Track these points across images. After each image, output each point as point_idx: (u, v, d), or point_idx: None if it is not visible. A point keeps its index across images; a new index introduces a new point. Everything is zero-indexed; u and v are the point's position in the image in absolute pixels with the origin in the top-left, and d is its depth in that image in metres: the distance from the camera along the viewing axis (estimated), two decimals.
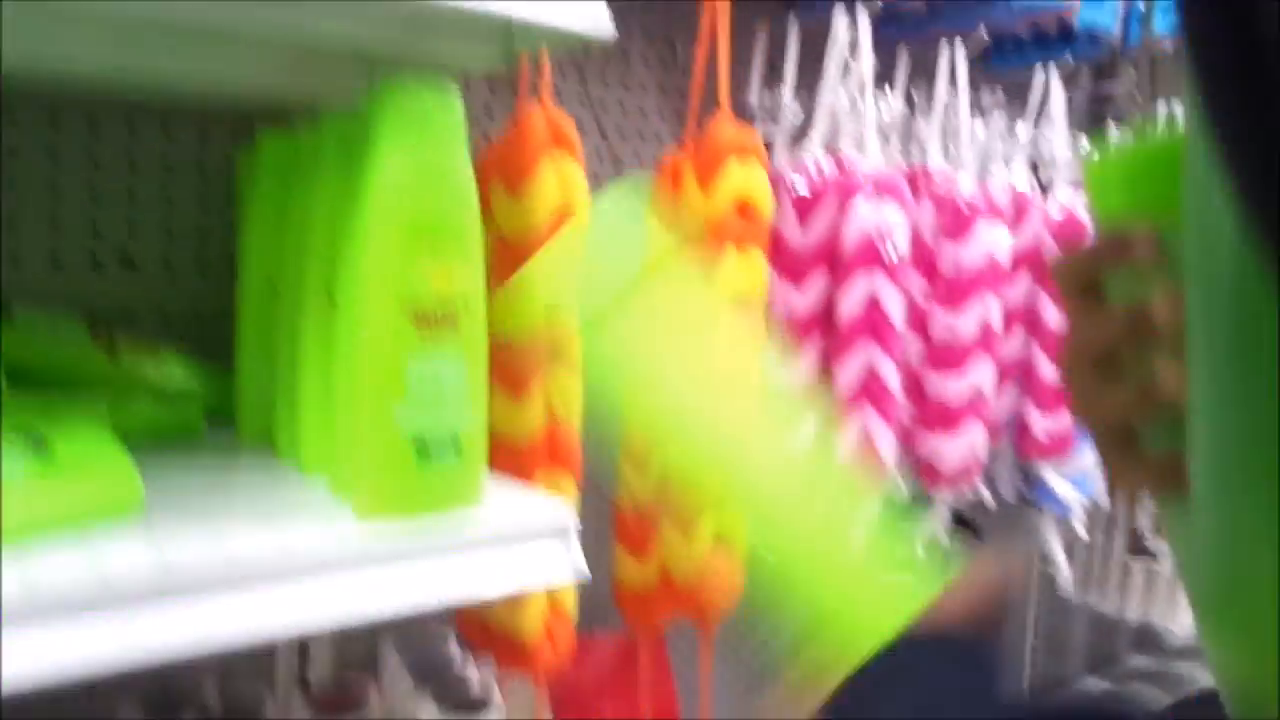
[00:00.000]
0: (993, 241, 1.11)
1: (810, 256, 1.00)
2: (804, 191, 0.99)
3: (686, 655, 1.15)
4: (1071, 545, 1.47)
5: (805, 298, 1.00)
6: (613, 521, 0.98)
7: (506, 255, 0.76)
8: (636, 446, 0.96)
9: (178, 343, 0.80)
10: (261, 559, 0.50)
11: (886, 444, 1.03)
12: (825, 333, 1.03)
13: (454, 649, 0.77)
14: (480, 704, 0.66)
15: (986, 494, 1.27)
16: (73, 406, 0.62)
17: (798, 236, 1.00)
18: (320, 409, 0.66)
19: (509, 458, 0.77)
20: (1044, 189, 1.25)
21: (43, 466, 0.50)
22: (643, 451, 0.96)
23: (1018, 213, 1.19)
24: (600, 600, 0.97)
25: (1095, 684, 1.79)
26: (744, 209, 0.90)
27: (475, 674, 0.73)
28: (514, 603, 0.81)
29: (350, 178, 0.59)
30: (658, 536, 0.95)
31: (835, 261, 1.01)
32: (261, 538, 0.52)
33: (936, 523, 1.24)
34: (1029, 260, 1.20)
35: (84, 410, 0.61)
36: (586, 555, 0.62)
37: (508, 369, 0.77)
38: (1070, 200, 1.25)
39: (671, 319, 0.56)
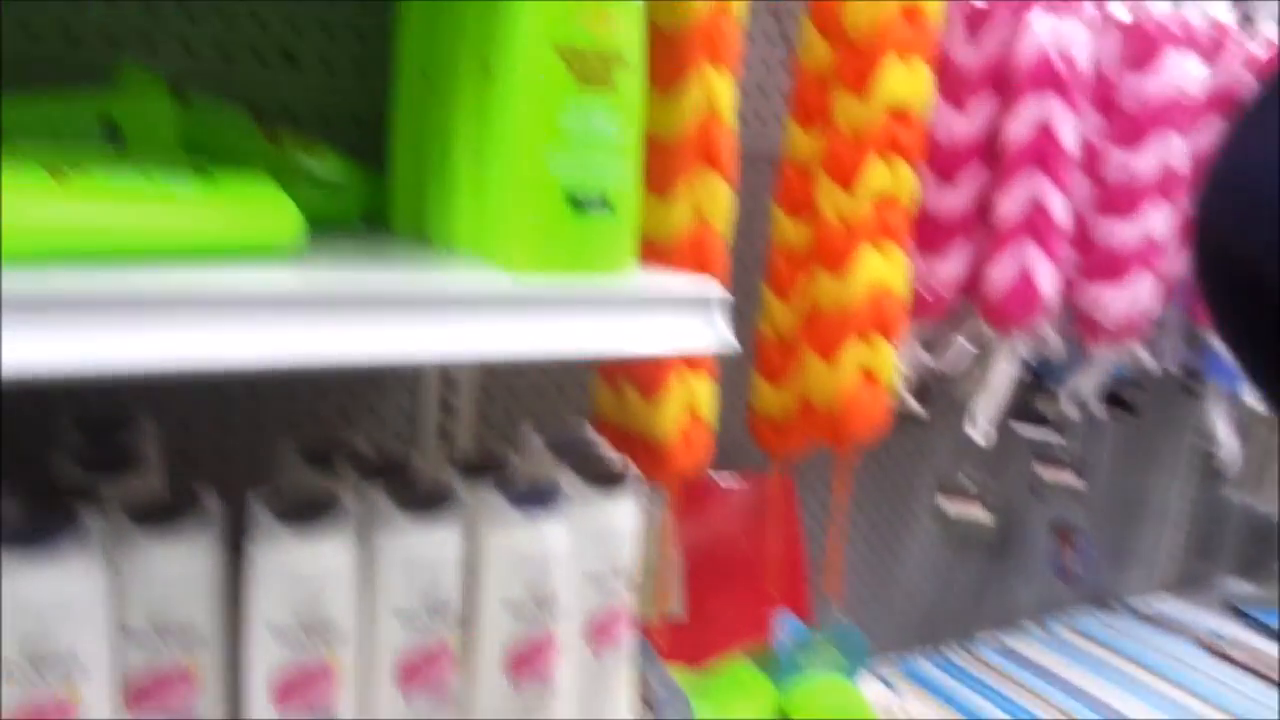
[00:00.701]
0: (1183, 74, 1.01)
1: (978, 75, 0.94)
2: (977, 1, 0.92)
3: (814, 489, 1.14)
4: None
5: (969, 121, 0.94)
6: (750, 350, 0.97)
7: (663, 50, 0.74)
8: (780, 269, 0.94)
9: (334, 142, 0.82)
10: (411, 290, 0.51)
11: (1048, 284, 0.97)
12: (988, 162, 0.97)
13: (591, 434, 0.78)
14: (620, 479, 0.67)
15: (1148, 359, 1.19)
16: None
17: (965, 52, 0.93)
18: (473, 186, 0.66)
19: (653, 257, 0.77)
20: (1248, 22, 1.13)
21: (210, 188, 0.52)
22: (788, 279, 0.94)
23: (1215, 46, 1.08)
24: (733, 440, 0.96)
25: (1240, 588, 1.70)
26: (911, 13, 0.84)
27: (614, 455, 0.73)
28: (652, 402, 0.82)
29: None
30: (798, 364, 0.93)
31: (1005, 82, 0.94)
32: (413, 276, 0.53)
33: (1090, 390, 1.18)
34: (1223, 101, 1.09)
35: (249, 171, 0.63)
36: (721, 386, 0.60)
37: (655, 167, 0.75)
38: (1277, 38, 1.12)
39: None
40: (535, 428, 0.75)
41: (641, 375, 0.81)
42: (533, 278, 0.57)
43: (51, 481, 0.61)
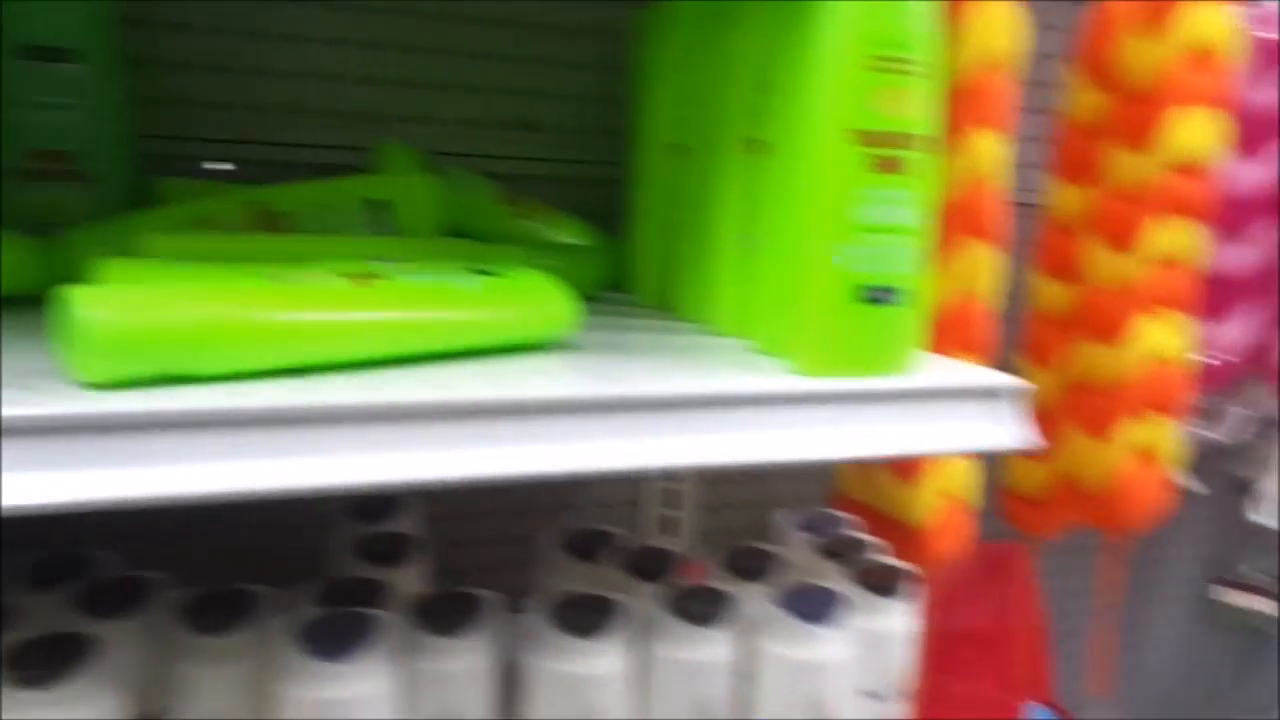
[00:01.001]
0: None
1: (1270, 118, 0.84)
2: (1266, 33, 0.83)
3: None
4: None
5: (1260, 169, 0.85)
6: None
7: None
8: (1039, 336, 0.87)
9: (567, 205, 0.82)
10: (696, 391, 0.49)
11: None
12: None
13: (843, 519, 0.74)
14: (898, 583, 0.62)
15: None
16: (501, 252, 0.64)
17: (1255, 92, 0.84)
18: (738, 267, 0.63)
19: None
20: None
21: (494, 285, 0.52)
22: (1048, 347, 0.87)
23: None
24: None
25: None
26: (1199, 58, 0.76)
27: (882, 552, 0.69)
28: (909, 485, 0.77)
29: (787, 12, 0.55)
30: (1060, 439, 0.86)
31: None
32: (695, 377, 0.51)
33: None
34: None
35: (511, 256, 0.63)
36: None
37: None
38: None
39: None
40: (764, 507, 0.71)
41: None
42: (817, 374, 0.53)
43: (332, 577, 0.62)
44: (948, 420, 0.55)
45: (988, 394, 0.56)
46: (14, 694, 0.46)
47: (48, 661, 0.47)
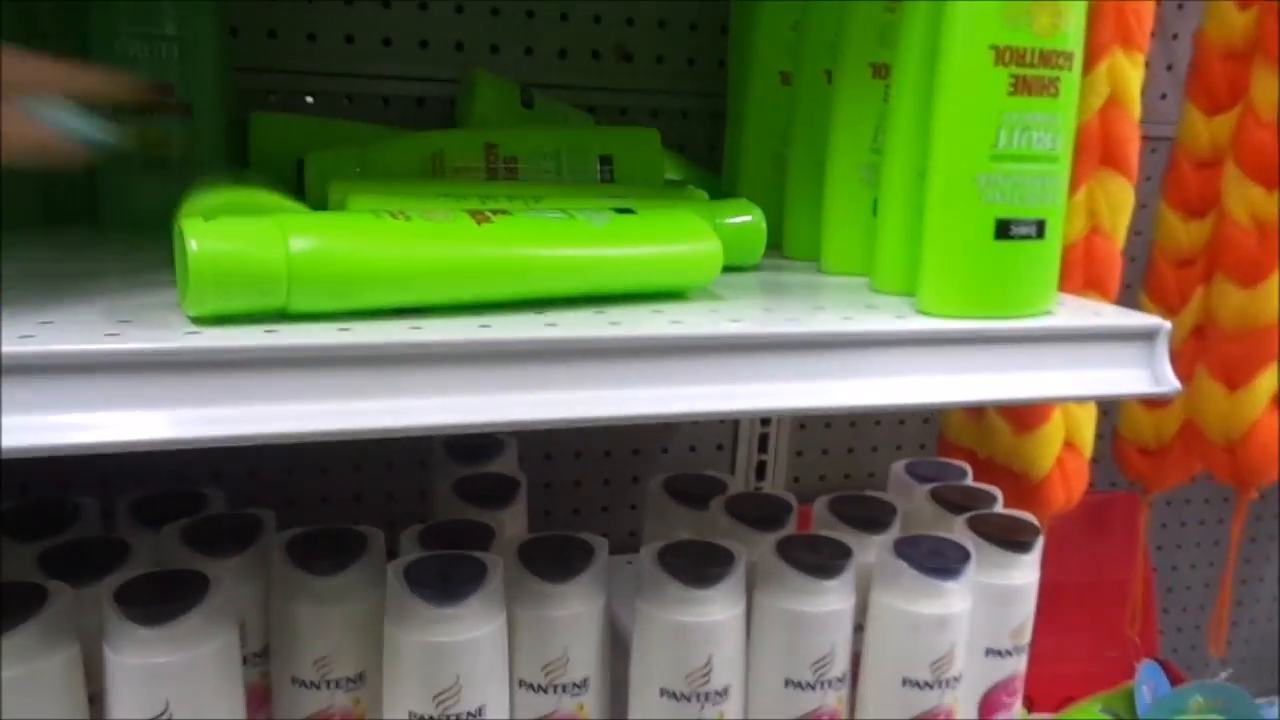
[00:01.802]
0: None
1: None
2: None
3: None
4: None
5: None
6: None
7: None
8: (1165, 276, 0.82)
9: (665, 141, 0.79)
10: (833, 332, 0.45)
11: None
12: None
13: (955, 466, 0.70)
14: (1030, 541, 0.59)
15: None
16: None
17: None
18: (857, 201, 0.60)
19: None
20: None
21: (631, 223, 0.49)
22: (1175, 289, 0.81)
23: None
24: None
25: None
26: None
27: (1001, 505, 0.65)
28: (1030, 436, 0.73)
29: None
30: (1187, 386, 0.81)
31: None
32: (812, 314, 0.48)
33: None
34: None
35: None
36: None
37: None
38: None
39: None
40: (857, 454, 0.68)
41: (1019, 408, 0.72)
42: (948, 315, 0.50)
43: (436, 519, 0.61)
44: (1089, 364, 0.52)
45: (1132, 336, 0.52)
46: (127, 630, 0.46)
47: (160, 598, 0.47)
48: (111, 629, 0.46)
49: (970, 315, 0.49)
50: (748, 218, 0.58)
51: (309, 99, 0.77)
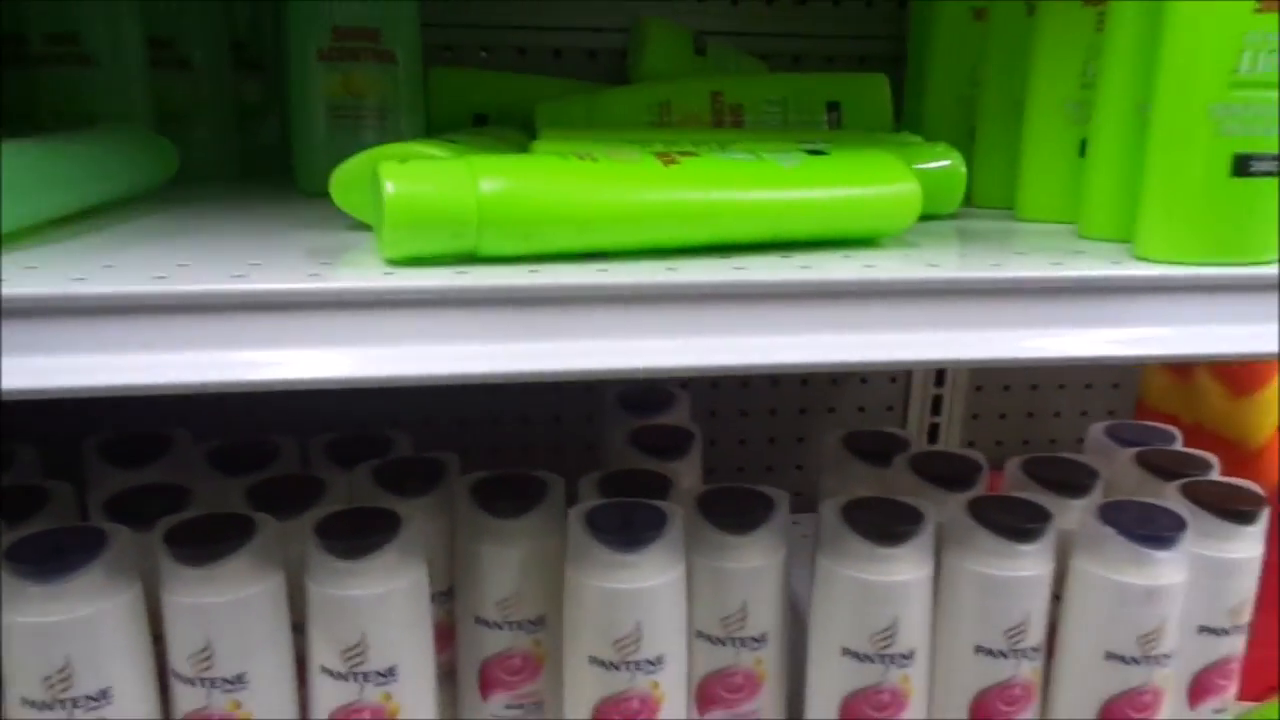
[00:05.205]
0: None
1: None
2: None
3: None
4: None
5: None
6: None
7: None
8: None
9: None
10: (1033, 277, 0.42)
11: None
12: None
13: (1163, 431, 0.65)
14: (1254, 512, 0.54)
15: None
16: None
17: None
18: (1065, 140, 0.56)
19: None
20: None
21: (822, 161, 0.46)
22: None
23: None
24: None
25: None
26: None
27: (1220, 471, 0.60)
28: (1246, 401, 0.66)
29: None
30: None
31: None
32: (1024, 260, 0.44)
33: None
34: None
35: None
36: None
37: None
38: None
39: None
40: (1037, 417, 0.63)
41: (1235, 368, 0.66)
42: (1176, 260, 0.45)
43: (609, 467, 0.61)
44: None
45: None
46: (326, 563, 0.48)
47: (355, 534, 0.49)
48: (313, 562, 0.49)
49: (1201, 261, 0.45)
50: (946, 162, 0.55)
51: (483, 53, 0.77)
